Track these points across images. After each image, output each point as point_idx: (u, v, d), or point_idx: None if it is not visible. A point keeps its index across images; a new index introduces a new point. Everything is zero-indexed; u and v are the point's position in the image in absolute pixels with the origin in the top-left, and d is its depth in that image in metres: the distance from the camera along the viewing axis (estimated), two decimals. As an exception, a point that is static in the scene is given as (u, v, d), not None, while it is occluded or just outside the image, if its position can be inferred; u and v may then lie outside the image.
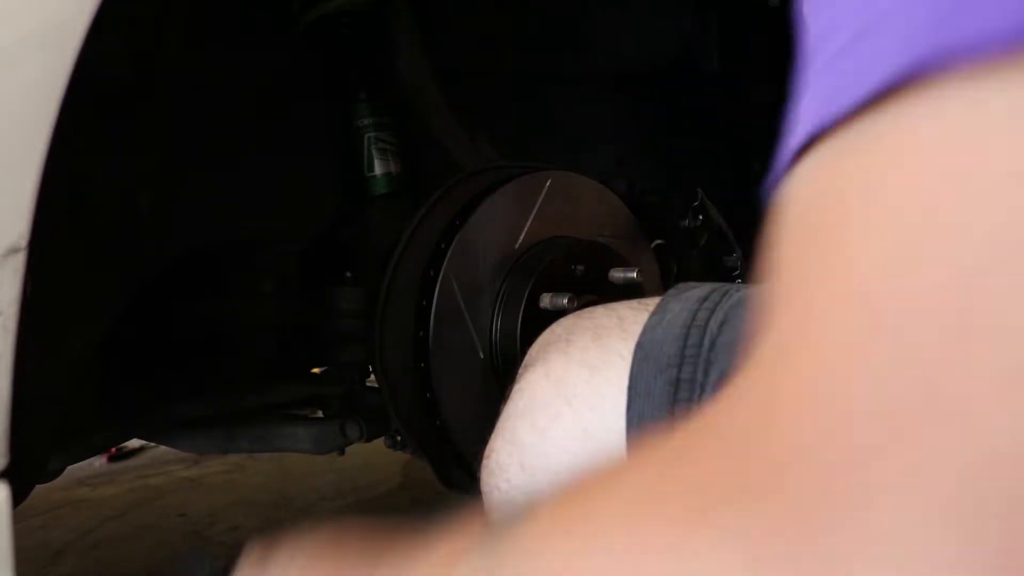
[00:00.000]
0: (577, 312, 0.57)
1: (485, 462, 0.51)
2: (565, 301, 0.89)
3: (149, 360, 1.10)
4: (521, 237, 0.95)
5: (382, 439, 1.12)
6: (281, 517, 1.90)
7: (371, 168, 1.02)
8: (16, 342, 0.48)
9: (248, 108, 1.01)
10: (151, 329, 1.06)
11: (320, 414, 1.20)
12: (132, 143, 0.89)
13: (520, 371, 0.54)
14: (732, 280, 0.72)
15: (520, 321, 0.90)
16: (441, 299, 0.89)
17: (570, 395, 0.48)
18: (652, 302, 0.50)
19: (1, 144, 0.47)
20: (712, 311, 0.47)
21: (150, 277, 0.93)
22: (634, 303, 0.52)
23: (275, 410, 1.18)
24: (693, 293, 0.49)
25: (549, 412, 0.49)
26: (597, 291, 0.94)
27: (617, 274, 0.95)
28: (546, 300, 0.91)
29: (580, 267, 0.94)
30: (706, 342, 0.45)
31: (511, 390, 0.52)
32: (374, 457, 1.90)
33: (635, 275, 0.93)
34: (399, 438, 1.03)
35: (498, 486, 0.50)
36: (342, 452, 1.14)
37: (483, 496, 0.51)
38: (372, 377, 1.07)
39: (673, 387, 0.44)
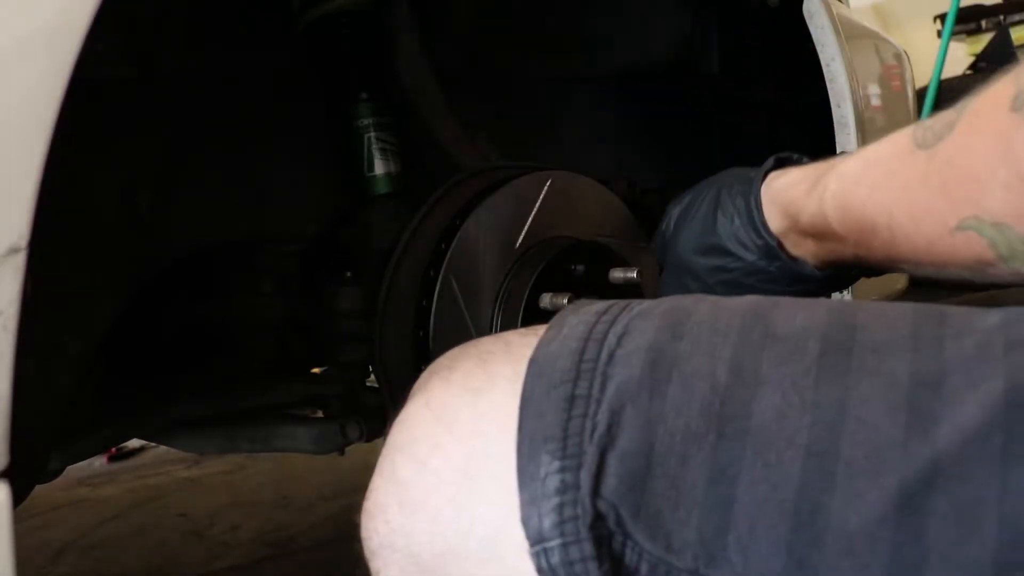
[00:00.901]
0: (465, 342, 0.53)
1: (365, 504, 0.48)
2: (565, 301, 0.89)
3: (149, 360, 1.10)
4: (521, 237, 0.95)
5: (382, 439, 1.12)
6: (281, 517, 1.90)
7: (371, 168, 1.02)
8: (16, 342, 0.48)
9: (248, 108, 1.01)
10: (151, 329, 1.06)
11: (320, 414, 1.20)
12: (132, 143, 0.89)
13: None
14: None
15: (520, 321, 0.90)
16: (441, 299, 0.89)
17: (451, 422, 0.45)
18: (543, 328, 0.48)
19: (1, 144, 0.47)
20: (611, 323, 0.45)
21: (150, 277, 0.93)
22: (523, 330, 0.50)
23: (275, 410, 1.18)
24: (592, 307, 0.47)
25: (429, 443, 0.45)
26: (597, 291, 0.94)
27: (617, 274, 0.94)
28: (546, 300, 0.91)
29: (580, 267, 0.94)
30: (603, 355, 0.43)
31: (390, 425, 0.49)
32: (374, 457, 1.89)
33: (635, 275, 0.93)
34: (399, 438, 1.02)
35: (377, 529, 0.46)
36: (342, 452, 1.14)
37: (363, 543, 0.47)
38: (372, 377, 1.07)
39: (568, 403, 0.42)
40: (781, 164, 0.72)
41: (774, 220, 0.67)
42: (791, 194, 0.64)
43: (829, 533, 0.36)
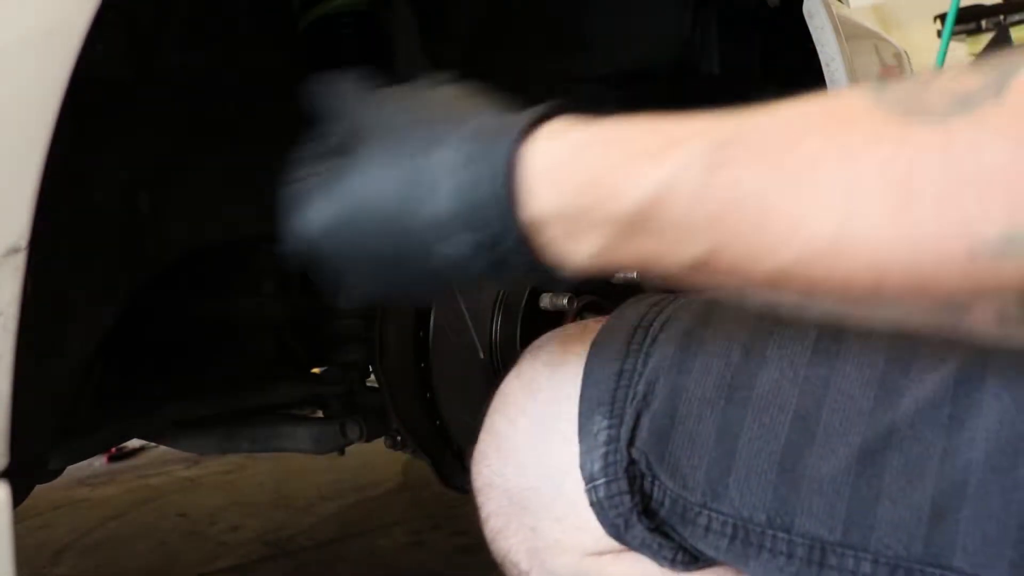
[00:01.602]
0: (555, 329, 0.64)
1: (473, 453, 0.60)
2: (565, 301, 0.89)
3: (149, 360, 1.10)
4: (521, 237, 0.95)
5: (382, 439, 1.12)
6: (281, 517, 1.90)
7: (371, 168, 1.02)
8: (16, 342, 0.48)
9: (248, 108, 1.01)
10: (151, 329, 1.06)
11: (320, 414, 1.20)
12: (132, 143, 0.89)
13: None
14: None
15: (520, 321, 0.91)
16: (441, 299, 0.89)
17: (534, 389, 0.57)
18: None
19: (1, 144, 0.47)
20: (659, 312, 0.54)
21: (150, 277, 0.93)
22: (600, 317, 0.60)
23: (275, 410, 1.18)
24: (649, 299, 0.57)
25: (518, 407, 0.57)
26: (597, 291, 0.94)
27: (618, 274, 0.94)
28: (546, 300, 0.91)
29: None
30: (648, 339, 0.53)
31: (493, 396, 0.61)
32: (374, 457, 1.90)
33: (635, 275, 0.93)
34: (399, 438, 1.03)
35: (480, 472, 0.58)
36: (342, 452, 1.15)
37: (472, 480, 0.60)
38: (372, 377, 1.07)
39: (617, 376, 0.52)
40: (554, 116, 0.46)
41: (540, 196, 0.41)
42: (601, 162, 0.40)
43: (805, 479, 0.46)
